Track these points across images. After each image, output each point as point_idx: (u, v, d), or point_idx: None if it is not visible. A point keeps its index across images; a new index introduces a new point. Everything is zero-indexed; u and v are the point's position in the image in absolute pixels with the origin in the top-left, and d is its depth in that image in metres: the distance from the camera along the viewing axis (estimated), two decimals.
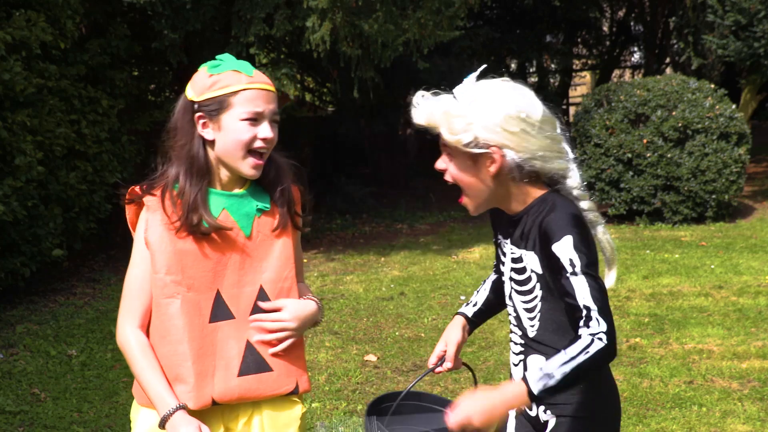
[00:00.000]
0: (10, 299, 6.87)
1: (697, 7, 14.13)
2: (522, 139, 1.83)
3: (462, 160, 1.90)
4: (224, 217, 1.99)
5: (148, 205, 1.99)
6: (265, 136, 1.97)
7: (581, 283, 1.78)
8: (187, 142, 1.99)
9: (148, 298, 1.97)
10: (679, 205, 9.95)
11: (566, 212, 1.84)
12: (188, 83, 2.03)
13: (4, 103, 6.41)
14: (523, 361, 2.02)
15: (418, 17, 8.46)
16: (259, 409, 2.00)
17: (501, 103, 1.83)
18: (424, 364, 5.24)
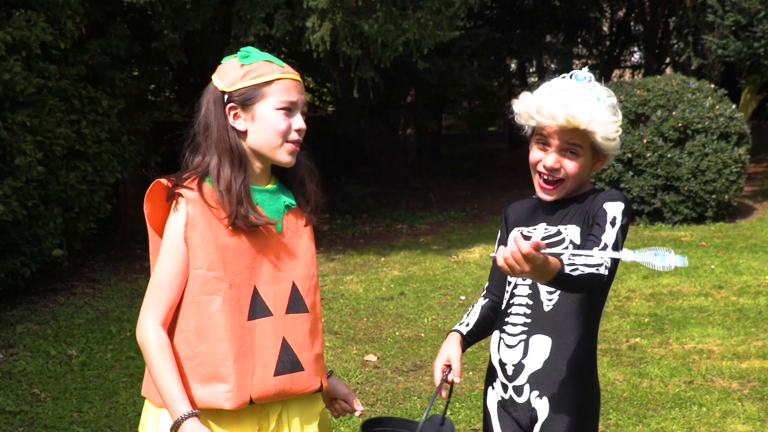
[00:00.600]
0: (10, 299, 6.87)
1: (697, 7, 14.13)
2: (618, 135, 2.05)
3: (587, 159, 2.05)
4: (259, 212, 1.97)
5: (188, 198, 1.91)
6: (300, 126, 1.97)
7: (611, 233, 1.91)
8: (222, 133, 1.94)
9: (175, 295, 1.91)
10: (679, 205, 9.95)
11: (622, 193, 2.03)
12: (214, 75, 1.99)
13: (4, 103, 6.41)
14: (524, 342, 2.03)
15: (418, 17, 8.46)
16: (287, 406, 2.00)
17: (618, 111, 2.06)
18: (425, 364, 5.24)
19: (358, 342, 5.81)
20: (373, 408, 4.52)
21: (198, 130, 1.98)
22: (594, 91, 2.01)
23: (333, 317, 6.51)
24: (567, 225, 2.03)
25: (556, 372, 1.99)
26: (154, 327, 1.89)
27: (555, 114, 1.97)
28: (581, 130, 1.99)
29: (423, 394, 4.71)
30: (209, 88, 1.99)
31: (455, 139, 22.51)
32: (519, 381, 2.03)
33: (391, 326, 6.21)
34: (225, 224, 1.90)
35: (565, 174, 2.03)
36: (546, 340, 1.99)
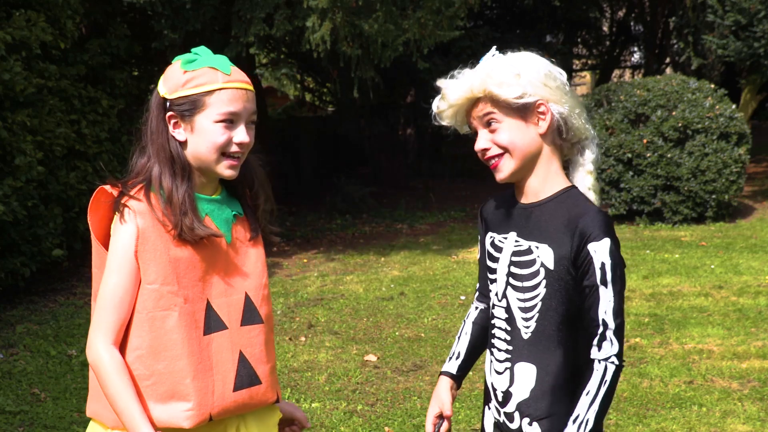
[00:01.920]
0: (10, 299, 6.87)
1: (697, 7, 14.13)
2: (561, 94, 1.87)
3: (512, 121, 1.87)
4: (208, 222, 1.89)
5: (137, 211, 1.83)
6: (241, 140, 1.85)
7: (606, 297, 1.80)
8: (162, 142, 1.85)
9: (126, 312, 1.83)
10: (679, 205, 9.96)
11: (603, 214, 1.84)
12: (162, 76, 1.89)
13: (4, 103, 6.41)
14: (509, 369, 1.94)
15: (418, 17, 8.46)
16: (244, 419, 1.95)
17: (537, 61, 1.88)
18: (425, 364, 5.24)
19: (358, 342, 5.81)
20: (373, 408, 4.52)
21: (145, 133, 1.90)
22: (489, 59, 1.90)
23: (333, 317, 6.51)
24: (539, 244, 1.88)
25: (544, 398, 1.90)
26: (106, 347, 1.81)
27: (444, 100, 1.91)
28: (478, 97, 1.87)
29: (423, 394, 4.71)
30: (155, 91, 1.90)
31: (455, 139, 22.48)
32: (509, 408, 1.96)
33: (391, 326, 6.21)
34: (172, 236, 1.82)
35: (499, 146, 1.88)
36: (530, 369, 1.90)
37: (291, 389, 4.80)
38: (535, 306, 1.89)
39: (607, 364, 1.80)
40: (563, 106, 1.86)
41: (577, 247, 1.82)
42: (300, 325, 6.30)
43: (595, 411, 1.79)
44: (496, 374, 1.98)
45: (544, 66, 1.88)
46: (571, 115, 1.88)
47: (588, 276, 1.81)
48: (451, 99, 1.90)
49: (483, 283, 2.12)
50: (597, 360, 1.81)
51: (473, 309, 2.17)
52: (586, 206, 1.86)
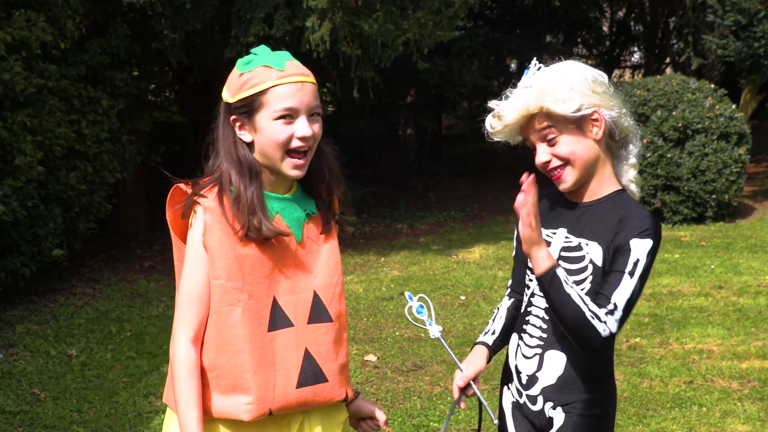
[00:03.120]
0: (10, 299, 6.87)
1: (697, 7, 14.13)
2: (609, 98, 1.93)
3: (569, 133, 1.93)
4: (278, 221, 1.92)
5: (206, 207, 1.87)
6: (303, 134, 1.86)
7: (628, 286, 1.85)
8: (229, 145, 1.90)
9: (205, 307, 1.87)
10: (679, 205, 9.95)
11: (655, 219, 1.90)
12: (226, 84, 1.95)
13: (4, 103, 6.41)
14: (539, 356, 2.01)
15: (418, 17, 8.46)
16: (309, 416, 1.97)
17: (582, 70, 1.95)
18: (425, 364, 5.24)
19: (358, 342, 5.81)
20: None
21: (215, 136, 1.96)
22: (536, 73, 1.96)
23: None
24: (589, 241, 1.94)
25: (570, 386, 1.97)
26: (185, 344, 1.86)
27: (500, 120, 1.97)
28: (535, 114, 1.93)
29: (423, 394, 4.71)
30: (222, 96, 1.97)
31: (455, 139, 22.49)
32: (533, 392, 2.02)
33: (391, 326, 6.21)
34: (239, 236, 1.87)
35: (560, 158, 1.95)
36: (561, 357, 1.97)
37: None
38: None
39: (606, 327, 1.82)
40: (612, 109, 1.94)
41: (621, 239, 1.88)
42: None
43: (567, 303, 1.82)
44: (523, 358, 2.05)
45: (589, 73, 1.94)
46: (621, 116, 1.96)
47: (619, 264, 1.86)
48: (507, 119, 1.96)
49: (518, 276, 2.18)
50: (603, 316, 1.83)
51: (506, 298, 2.25)
52: (639, 209, 1.94)
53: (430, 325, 2.08)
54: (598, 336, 1.82)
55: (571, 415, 1.96)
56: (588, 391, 1.96)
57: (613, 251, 1.88)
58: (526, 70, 1.98)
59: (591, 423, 1.97)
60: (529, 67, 1.98)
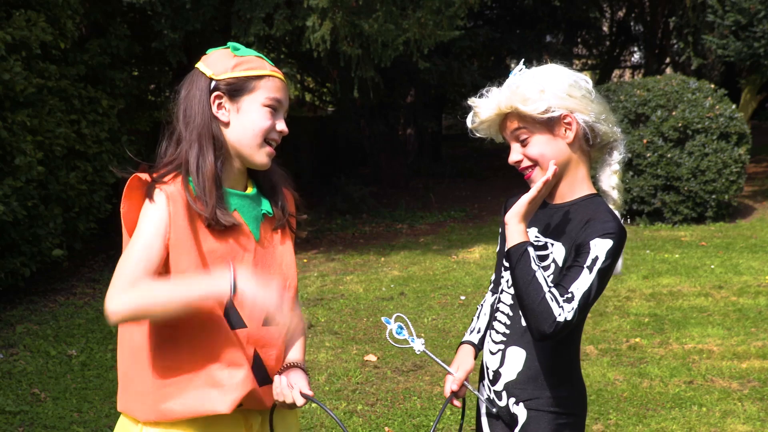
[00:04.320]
0: (10, 299, 6.87)
1: (697, 7, 14.13)
2: (586, 103, 1.95)
3: (540, 135, 1.96)
4: (236, 217, 1.89)
5: (168, 195, 1.78)
6: (283, 129, 1.90)
7: (585, 279, 1.85)
8: (206, 120, 1.84)
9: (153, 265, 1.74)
10: (679, 205, 9.95)
11: (619, 223, 1.91)
12: (199, 63, 1.93)
13: (4, 103, 6.41)
14: (502, 351, 2.04)
15: (418, 17, 8.46)
16: (265, 416, 1.97)
17: (560, 74, 1.96)
18: (424, 364, 5.24)
19: (358, 342, 5.81)
20: (373, 408, 4.52)
21: (177, 117, 1.88)
22: (517, 74, 1.99)
23: (333, 317, 6.51)
24: (555, 241, 1.97)
25: (530, 382, 1.99)
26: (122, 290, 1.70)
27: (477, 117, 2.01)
28: (508, 113, 1.97)
29: (423, 394, 4.71)
30: (193, 74, 1.91)
31: (455, 139, 22.49)
32: (497, 387, 2.06)
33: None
34: (204, 223, 1.81)
35: (530, 159, 1.98)
36: (520, 353, 2.00)
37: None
38: None
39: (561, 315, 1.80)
40: (589, 114, 1.94)
41: (583, 238, 1.89)
42: None
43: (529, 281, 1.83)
44: (489, 354, 2.09)
45: (569, 77, 1.96)
46: (598, 122, 1.96)
47: (579, 260, 1.87)
48: (482, 116, 2.01)
49: (498, 273, 2.22)
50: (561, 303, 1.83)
51: (489, 294, 2.29)
52: (607, 213, 1.93)
53: (412, 342, 2.09)
54: (554, 319, 1.80)
55: (532, 412, 1.98)
56: (550, 388, 1.98)
57: (575, 250, 1.90)
58: (512, 72, 2.01)
59: (553, 420, 1.98)
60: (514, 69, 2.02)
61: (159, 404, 1.81)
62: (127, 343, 1.86)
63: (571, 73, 1.98)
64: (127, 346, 1.86)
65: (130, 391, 1.84)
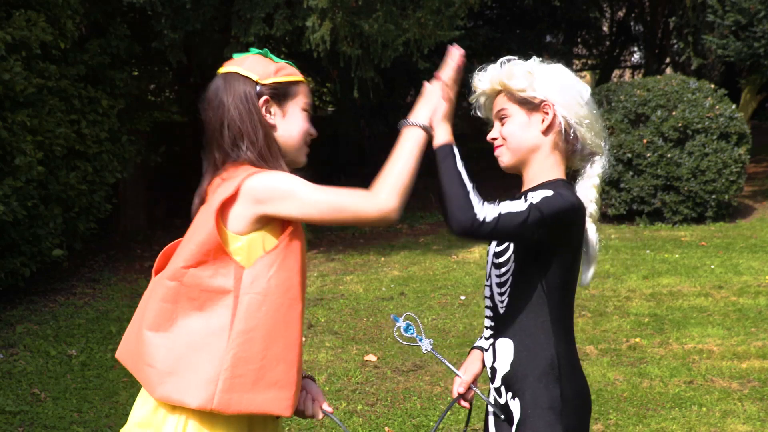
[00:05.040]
0: (10, 299, 6.87)
1: (697, 7, 14.13)
2: (573, 103, 1.96)
3: (517, 117, 1.99)
4: None
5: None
6: (314, 131, 2.03)
7: (517, 204, 1.86)
8: (262, 125, 1.91)
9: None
10: (679, 205, 9.95)
11: (571, 195, 1.91)
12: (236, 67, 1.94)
13: (4, 103, 6.41)
14: (492, 346, 2.03)
15: (418, 17, 8.46)
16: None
17: (558, 70, 2.01)
18: (425, 364, 5.24)
19: (358, 342, 5.81)
20: (373, 408, 4.52)
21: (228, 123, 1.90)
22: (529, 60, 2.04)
23: (333, 317, 6.51)
24: None
25: (523, 374, 1.95)
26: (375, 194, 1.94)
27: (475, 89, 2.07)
28: (497, 91, 2.02)
29: (423, 394, 4.71)
30: (232, 78, 1.92)
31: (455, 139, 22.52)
32: (496, 383, 2.03)
33: (391, 326, 6.21)
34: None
35: (502, 138, 2.03)
36: (508, 343, 1.98)
37: None
38: (507, 281, 1.98)
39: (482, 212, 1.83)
40: (571, 113, 1.96)
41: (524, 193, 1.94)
42: None
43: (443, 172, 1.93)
44: (484, 352, 2.09)
45: (565, 77, 1.99)
46: (580, 125, 1.97)
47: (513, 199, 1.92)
48: (476, 88, 2.07)
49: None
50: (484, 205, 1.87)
51: None
52: (562, 186, 1.94)
53: (420, 341, 2.10)
54: (474, 215, 1.82)
55: (526, 407, 1.93)
56: (541, 379, 1.92)
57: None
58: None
59: (547, 413, 1.91)
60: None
61: (225, 393, 1.78)
62: (183, 330, 1.82)
63: (572, 76, 2.00)
64: (182, 333, 1.82)
65: (186, 378, 1.79)
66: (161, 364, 1.82)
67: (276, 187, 1.83)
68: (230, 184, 1.84)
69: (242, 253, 1.84)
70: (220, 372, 1.78)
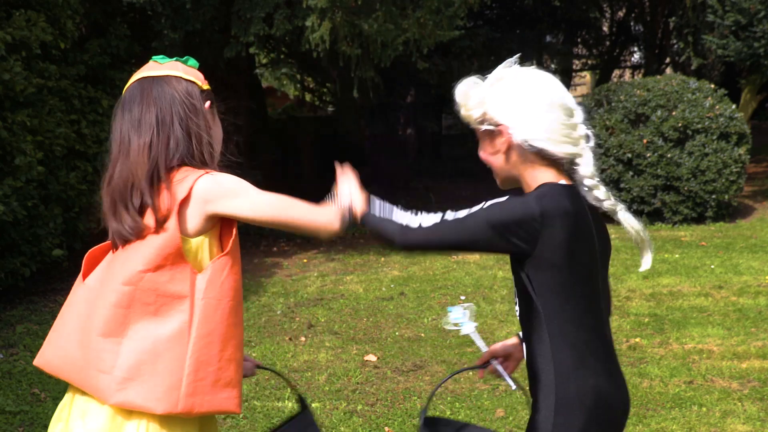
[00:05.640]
0: (10, 299, 6.87)
1: (697, 7, 14.13)
2: (528, 119, 1.87)
3: (483, 140, 1.97)
4: None
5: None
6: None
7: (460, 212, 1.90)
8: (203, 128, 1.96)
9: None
10: (679, 205, 9.95)
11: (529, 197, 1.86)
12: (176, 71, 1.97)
13: (4, 103, 6.41)
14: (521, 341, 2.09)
15: (417, 17, 8.46)
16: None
17: (514, 84, 1.90)
18: (425, 364, 5.24)
19: (358, 342, 5.81)
20: (373, 408, 4.52)
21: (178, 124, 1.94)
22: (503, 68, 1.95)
23: (333, 317, 6.51)
24: None
25: (533, 374, 1.90)
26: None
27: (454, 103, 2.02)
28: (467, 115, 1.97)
29: (423, 394, 4.71)
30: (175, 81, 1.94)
31: (455, 139, 22.49)
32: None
33: (391, 326, 6.21)
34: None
35: (482, 158, 2.02)
36: (524, 345, 1.94)
37: (291, 389, 4.80)
38: (516, 288, 1.96)
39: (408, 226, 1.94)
40: (527, 132, 1.87)
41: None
42: (300, 325, 6.30)
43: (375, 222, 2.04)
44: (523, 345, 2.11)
45: (521, 89, 1.88)
46: (539, 140, 1.87)
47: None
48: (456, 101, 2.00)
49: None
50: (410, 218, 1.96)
51: None
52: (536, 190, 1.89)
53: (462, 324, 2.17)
54: (399, 224, 1.95)
55: (535, 406, 1.88)
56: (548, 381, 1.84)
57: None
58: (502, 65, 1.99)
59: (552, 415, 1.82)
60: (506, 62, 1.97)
61: (189, 397, 1.79)
62: (138, 335, 1.81)
63: (529, 84, 1.89)
64: (137, 338, 1.81)
65: (149, 384, 1.79)
66: (119, 371, 1.80)
67: (229, 186, 1.85)
68: (182, 186, 1.82)
69: (191, 257, 1.84)
70: (182, 377, 1.79)
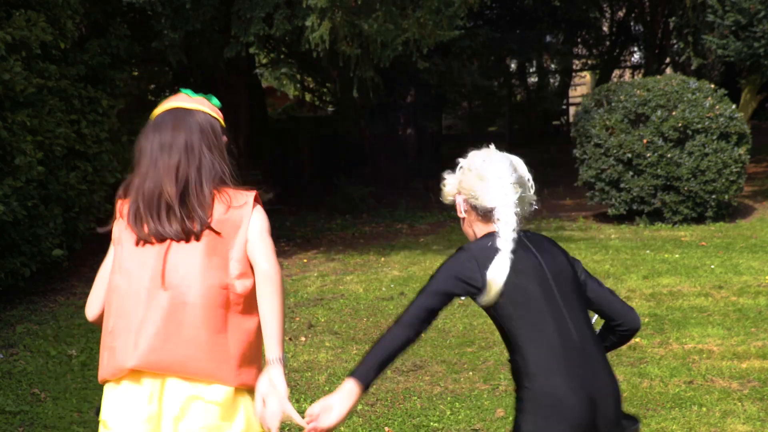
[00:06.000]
0: (10, 299, 6.87)
1: (697, 7, 14.13)
2: (468, 185, 2.36)
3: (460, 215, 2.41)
4: None
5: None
6: None
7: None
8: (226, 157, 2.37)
9: None
10: (679, 205, 9.95)
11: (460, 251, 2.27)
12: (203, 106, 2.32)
13: (4, 103, 6.41)
14: None
15: (417, 17, 8.46)
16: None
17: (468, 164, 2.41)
18: (425, 364, 5.24)
19: (358, 342, 5.81)
20: (373, 408, 4.52)
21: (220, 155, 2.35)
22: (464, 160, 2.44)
23: (333, 317, 6.51)
24: None
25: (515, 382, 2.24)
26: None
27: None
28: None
29: (423, 394, 4.71)
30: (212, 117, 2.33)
31: (455, 139, 22.49)
32: None
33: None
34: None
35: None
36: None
37: (291, 389, 4.79)
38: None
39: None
40: (462, 193, 2.36)
41: None
42: (300, 325, 6.30)
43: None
44: None
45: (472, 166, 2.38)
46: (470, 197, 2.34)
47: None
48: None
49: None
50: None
51: None
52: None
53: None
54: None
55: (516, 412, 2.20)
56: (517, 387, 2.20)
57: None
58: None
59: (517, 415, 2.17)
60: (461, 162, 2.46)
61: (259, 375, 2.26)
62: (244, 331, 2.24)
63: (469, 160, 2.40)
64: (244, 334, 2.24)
65: (253, 366, 2.24)
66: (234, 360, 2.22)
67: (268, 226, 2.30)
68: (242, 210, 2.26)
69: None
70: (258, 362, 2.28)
